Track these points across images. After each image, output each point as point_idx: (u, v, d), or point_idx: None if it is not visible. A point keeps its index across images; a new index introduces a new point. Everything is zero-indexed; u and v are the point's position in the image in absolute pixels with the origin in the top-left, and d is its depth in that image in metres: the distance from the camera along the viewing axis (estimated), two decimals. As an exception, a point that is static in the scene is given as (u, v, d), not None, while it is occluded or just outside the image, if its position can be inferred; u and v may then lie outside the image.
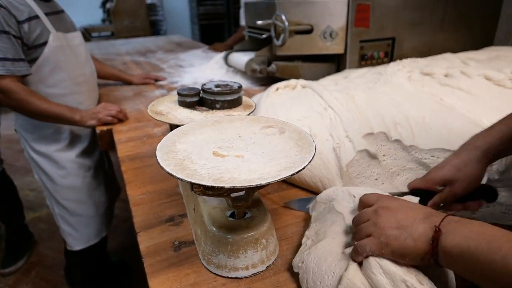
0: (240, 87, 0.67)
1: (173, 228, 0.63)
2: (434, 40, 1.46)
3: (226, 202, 0.51)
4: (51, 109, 1.08)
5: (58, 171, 1.25)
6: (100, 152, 1.38)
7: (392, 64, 1.12)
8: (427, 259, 0.39)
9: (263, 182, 0.39)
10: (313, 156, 0.44)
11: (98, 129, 1.10)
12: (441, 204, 0.54)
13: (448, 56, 1.20)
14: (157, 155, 0.45)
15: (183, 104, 0.70)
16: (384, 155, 0.66)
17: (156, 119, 0.65)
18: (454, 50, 1.35)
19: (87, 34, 3.93)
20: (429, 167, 0.65)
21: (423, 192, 0.54)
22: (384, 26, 1.33)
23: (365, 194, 0.49)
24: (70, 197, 1.28)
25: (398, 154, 0.67)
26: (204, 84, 0.68)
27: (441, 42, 1.46)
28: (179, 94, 0.70)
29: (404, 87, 0.90)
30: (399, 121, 0.69)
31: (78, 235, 1.32)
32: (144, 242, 0.59)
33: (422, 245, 0.39)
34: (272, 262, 0.54)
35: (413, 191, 0.55)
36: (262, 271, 0.52)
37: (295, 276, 0.51)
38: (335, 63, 1.37)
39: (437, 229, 0.38)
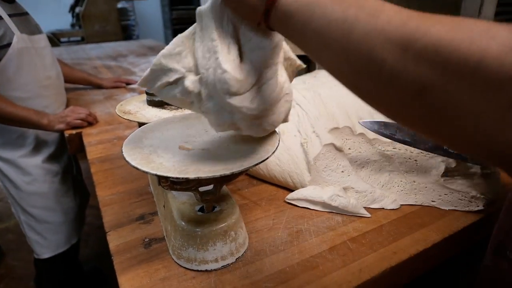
0: None
1: (143, 226, 0.63)
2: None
3: (195, 196, 0.52)
4: (17, 113, 1.05)
5: (23, 177, 1.21)
6: (68, 157, 1.35)
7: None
8: (260, 21, 0.33)
9: (227, 172, 0.40)
10: (276, 147, 0.46)
11: (67, 133, 1.08)
12: None
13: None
14: (123, 150, 0.45)
15: (151, 103, 0.71)
16: (349, 149, 0.69)
17: (124, 118, 0.65)
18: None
19: (56, 39, 3.83)
20: (391, 158, 0.68)
21: None
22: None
23: None
24: (37, 204, 1.24)
25: (362, 147, 0.70)
26: None
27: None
28: (147, 93, 0.71)
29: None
30: (363, 116, 0.72)
31: (46, 243, 1.28)
32: (114, 240, 0.59)
33: (256, 2, 0.32)
34: (242, 254, 0.55)
35: None
36: (231, 263, 0.53)
37: (265, 266, 0.53)
38: (305, 64, 1.40)
39: None
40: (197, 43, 0.39)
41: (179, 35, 0.40)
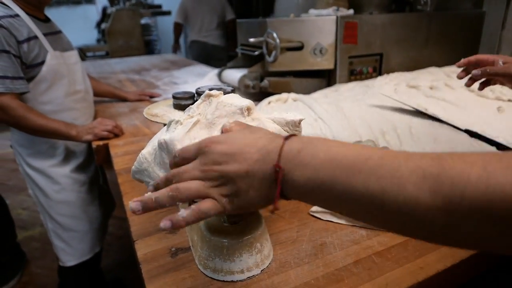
0: (233, 90, 0.70)
1: (169, 236, 0.64)
2: (420, 55, 1.52)
3: (221, 218, 0.53)
4: (48, 125, 1.10)
5: (53, 186, 1.26)
6: (95, 167, 1.40)
7: (379, 78, 1.17)
8: (275, 199, 0.34)
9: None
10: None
11: (94, 144, 1.12)
12: (488, 72, 0.62)
13: (432, 70, 1.26)
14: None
15: (177, 107, 0.73)
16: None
17: (151, 120, 0.68)
18: (439, 65, 1.40)
19: (82, 53, 3.99)
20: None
21: None
22: (372, 43, 1.39)
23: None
24: (64, 212, 1.28)
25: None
26: (199, 88, 0.71)
27: (427, 57, 1.53)
28: (174, 97, 0.73)
29: (390, 100, 0.94)
30: (386, 130, 0.72)
31: (71, 250, 1.31)
32: (142, 249, 0.61)
33: (266, 191, 0.34)
34: (267, 266, 0.55)
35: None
36: (257, 275, 0.54)
37: (290, 278, 0.53)
38: (325, 78, 1.42)
39: (276, 168, 0.32)
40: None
41: (141, 153, 0.52)
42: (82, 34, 4.69)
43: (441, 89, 1.00)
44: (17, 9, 1.09)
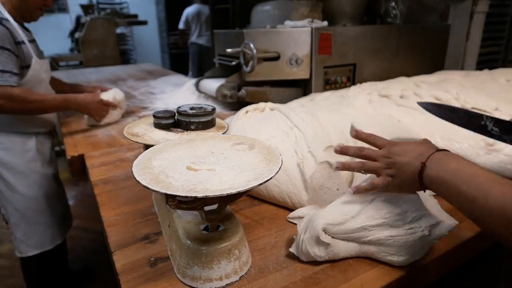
0: (213, 109, 0.71)
1: (148, 245, 0.64)
2: (391, 65, 1.58)
3: (200, 215, 0.54)
4: (51, 99, 1.20)
5: (23, 181, 1.30)
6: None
7: (353, 87, 1.21)
8: (419, 186, 0.52)
9: (234, 191, 0.42)
10: (280, 167, 0.49)
11: (69, 155, 1.09)
12: None
13: (403, 79, 1.31)
14: (133, 170, 0.48)
15: (158, 126, 0.73)
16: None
17: (132, 141, 0.67)
18: (410, 75, 1.47)
19: (55, 63, 3.89)
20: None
21: None
22: (346, 53, 1.44)
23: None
24: (31, 206, 1.32)
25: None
26: (179, 107, 0.72)
27: (398, 67, 1.59)
28: (154, 116, 0.73)
29: (365, 108, 0.98)
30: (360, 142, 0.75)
31: (32, 242, 1.35)
32: (120, 260, 0.60)
33: (414, 179, 0.52)
34: (246, 272, 0.56)
35: None
36: (235, 281, 0.54)
37: (268, 283, 0.54)
38: (301, 88, 1.45)
39: (422, 164, 0.51)
40: None
41: None
42: (54, 43, 4.58)
43: (410, 98, 1.05)
44: (8, 16, 1.16)
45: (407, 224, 0.56)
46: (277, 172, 0.47)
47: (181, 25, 4.62)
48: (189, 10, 4.50)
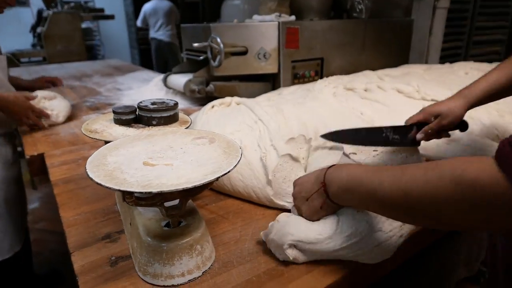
0: (176, 104, 0.70)
1: (109, 245, 0.62)
2: (358, 59, 1.61)
3: (161, 211, 0.53)
4: None
5: None
6: (19, 166, 1.37)
7: (319, 81, 1.22)
8: (334, 206, 0.55)
9: (190, 185, 0.41)
10: (239, 160, 0.48)
11: (28, 155, 1.05)
12: (429, 131, 0.73)
13: (367, 73, 1.34)
14: (86, 167, 0.46)
15: (118, 122, 0.71)
16: (303, 158, 0.72)
17: (90, 137, 0.65)
18: (376, 68, 1.50)
19: (15, 59, 3.70)
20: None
21: (418, 125, 0.74)
22: (313, 48, 1.45)
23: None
24: None
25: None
26: (141, 102, 0.70)
27: (365, 61, 1.62)
28: (114, 112, 0.71)
29: (329, 102, 0.99)
30: (320, 130, 0.76)
31: None
32: (79, 261, 0.58)
33: (321, 199, 0.55)
34: (209, 267, 0.56)
35: (411, 125, 0.75)
36: (198, 277, 0.54)
37: (232, 277, 0.54)
38: (270, 82, 1.45)
39: (322, 185, 0.54)
40: None
41: None
42: (15, 38, 4.35)
43: (374, 91, 1.07)
44: None
45: (381, 231, 0.55)
46: (235, 165, 0.47)
47: (138, 23, 4.55)
48: (147, 7, 4.42)
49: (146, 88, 1.80)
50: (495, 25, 2.79)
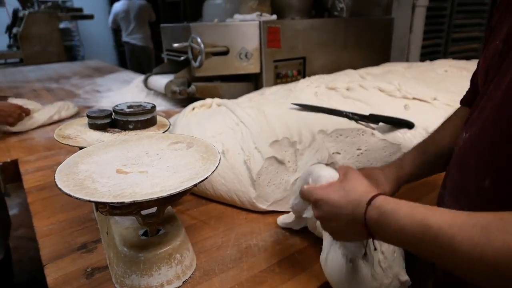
0: (153, 106, 0.68)
1: (85, 255, 0.60)
2: (340, 58, 1.61)
3: (137, 220, 0.51)
4: None
5: None
6: None
7: (302, 80, 1.21)
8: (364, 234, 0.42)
9: (165, 194, 0.40)
10: (217, 166, 0.47)
11: (0, 161, 1.00)
12: None
13: (349, 72, 1.34)
14: (55, 177, 0.43)
15: (93, 126, 0.68)
16: (289, 161, 0.71)
17: (62, 143, 0.62)
18: (358, 67, 1.50)
19: (-10, 61, 3.58)
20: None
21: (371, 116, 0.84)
22: (295, 47, 1.44)
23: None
24: None
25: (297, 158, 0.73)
26: (116, 105, 0.68)
27: (346, 60, 1.62)
28: (88, 116, 0.68)
29: (311, 102, 0.98)
30: (303, 132, 0.75)
31: None
32: (52, 274, 0.55)
33: (360, 236, 0.44)
34: (190, 276, 0.54)
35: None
36: (179, 287, 0.52)
37: (214, 285, 0.52)
38: (253, 82, 1.44)
39: (363, 226, 0.41)
40: None
41: None
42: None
43: (356, 90, 1.07)
44: None
45: None
46: (213, 171, 0.45)
47: (109, 24, 4.32)
48: (117, 8, 4.06)
49: (127, 89, 1.76)
50: (472, 22, 2.84)
